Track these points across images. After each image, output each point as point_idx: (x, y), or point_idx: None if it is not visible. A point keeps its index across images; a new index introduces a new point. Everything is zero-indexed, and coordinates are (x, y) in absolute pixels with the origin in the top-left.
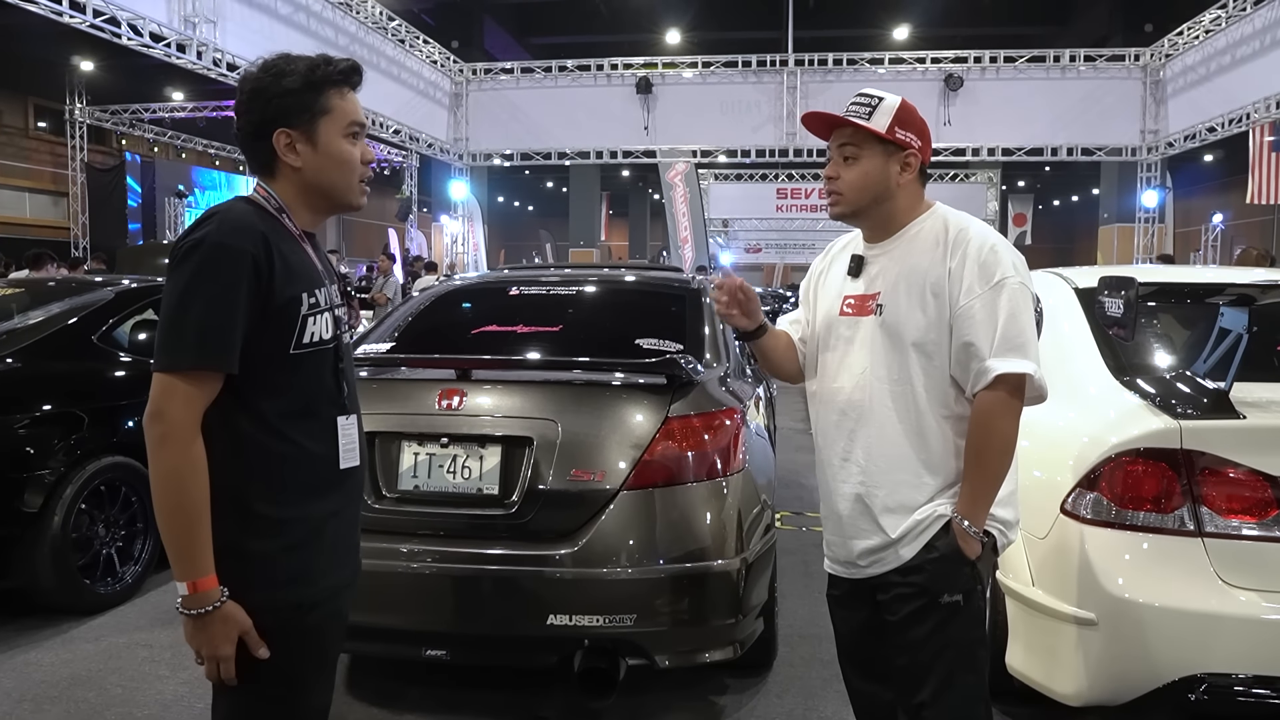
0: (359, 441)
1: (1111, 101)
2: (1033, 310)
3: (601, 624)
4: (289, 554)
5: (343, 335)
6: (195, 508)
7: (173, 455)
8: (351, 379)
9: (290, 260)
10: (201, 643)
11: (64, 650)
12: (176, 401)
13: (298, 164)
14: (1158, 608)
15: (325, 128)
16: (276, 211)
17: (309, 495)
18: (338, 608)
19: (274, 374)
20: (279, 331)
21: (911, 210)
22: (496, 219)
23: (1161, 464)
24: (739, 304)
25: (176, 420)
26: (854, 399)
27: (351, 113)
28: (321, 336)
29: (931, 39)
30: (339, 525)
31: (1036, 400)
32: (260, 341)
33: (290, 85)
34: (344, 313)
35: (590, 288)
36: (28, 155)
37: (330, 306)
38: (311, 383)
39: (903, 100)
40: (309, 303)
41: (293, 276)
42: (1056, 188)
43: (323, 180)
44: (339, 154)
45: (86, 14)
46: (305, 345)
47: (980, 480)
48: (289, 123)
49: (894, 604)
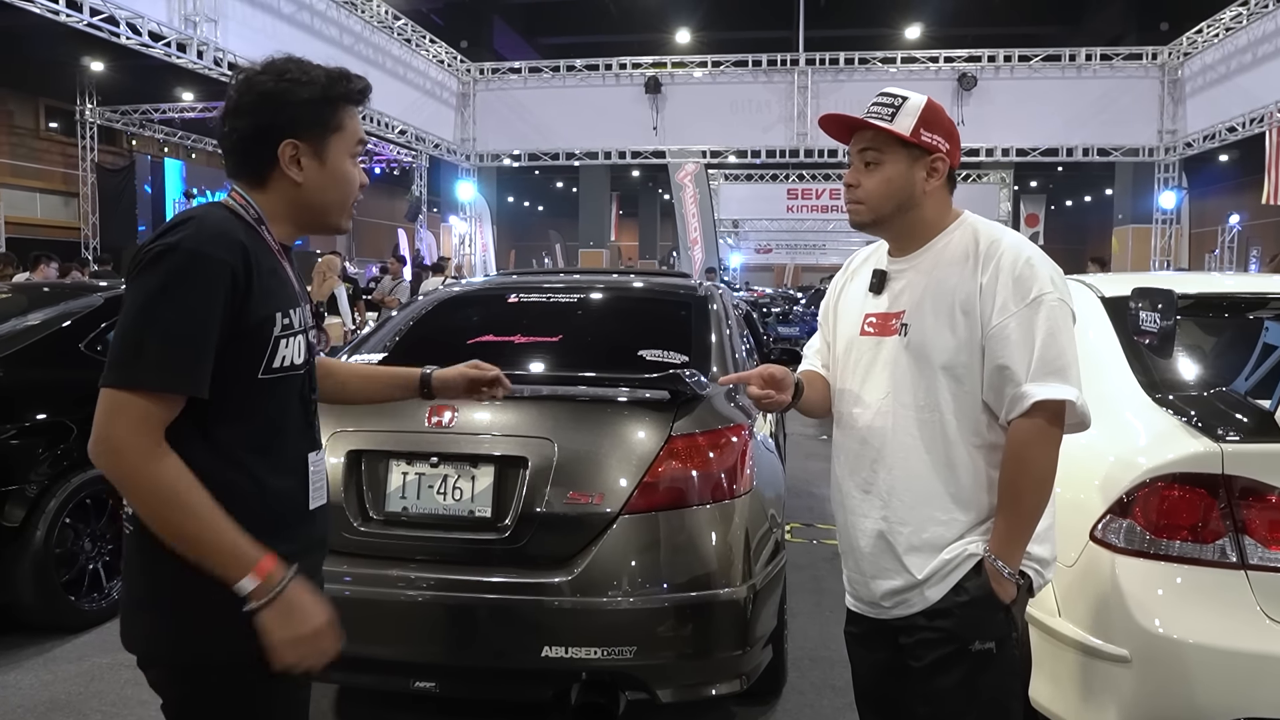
0: (327, 478)
1: (1128, 101)
2: (1073, 329)
3: (599, 656)
4: (215, 608)
5: (314, 362)
6: (201, 516)
7: (146, 481)
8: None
9: (267, 276)
10: (288, 628)
11: (44, 671)
12: (127, 424)
13: (299, 179)
14: (1197, 646)
15: (335, 145)
16: (255, 222)
17: (272, 536)
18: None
19: (239, 400)
20: (249, 353)
21: (939, 220)
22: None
23: (1200, 490)
24: (774, 385)
25: (130, 446)
26: (875, 426)
27: (359, 132)
28: (294, 361)
29: (943, 39)
30: (305, 569)
31: (1078, 428)
32: (228, 363)
33: (308, 95)
34: (315, 336)
35: (592, 295)
36: (39, 156)
37: (304, 329)
38: (280, 412)
39: (929, 100)
40: (283, 323)
41: (268, 294)
42: (1069, 188)
43: (321, 199)
44: (344, 174)
45: (84, 13)
46: (275, 370)
47: (1015, 516)
48: (298, 134)
49: (918, 649)
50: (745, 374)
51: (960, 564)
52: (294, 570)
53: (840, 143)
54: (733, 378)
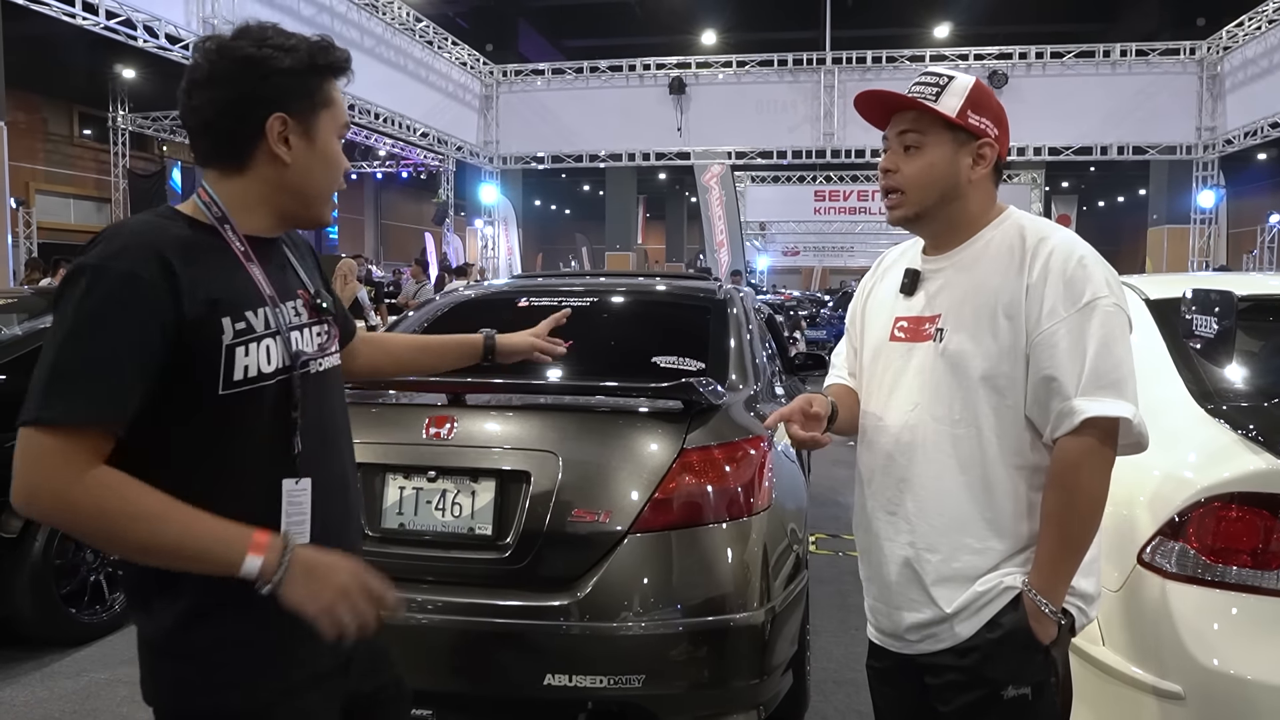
0: (309, 513)
1: (1165, 98)
2: (1129, 339)
3: (605, 685)
4: (214, 652)
5: (308, 367)
6: (162, 510)
7: (79, 508)
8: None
9: (207, 280)
10: (318, 591)
11: (41, 687)
12: (40, 462)
13: (287, 159)
14: (1261, 685)
15: (325, 122)
16: (217, 221)
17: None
18: (306, 707)
19: (195, 424)
20: (198, 370)
21: (982, 214)
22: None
23: (1261, 511)
24: (814, 420)
25: (44, 481)
26: (903, 441)
27: (344, 111)
28: (260, 370)
29: (973, 37)
30: (296, 615)
31: (1134, 449)
32: (174, 384)
33: (293, 64)
34: (319, 334)
35: (606, 299)
36: (72, 162)
37: (278, 330)
38: (249, 434)
39: (977, 80)
40: (235, 329)
41: (211, 300)
42: (1102, 188)
43: (307, 182)
44: (334, 155)
45: (100, 15)
46: (238, 383)
47: (1060, 547)
48: (287, 107)
49: (946, 692)
50: (785, 412)
51: (995, 597)
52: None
53: (876, 127)
54: (775, 417)
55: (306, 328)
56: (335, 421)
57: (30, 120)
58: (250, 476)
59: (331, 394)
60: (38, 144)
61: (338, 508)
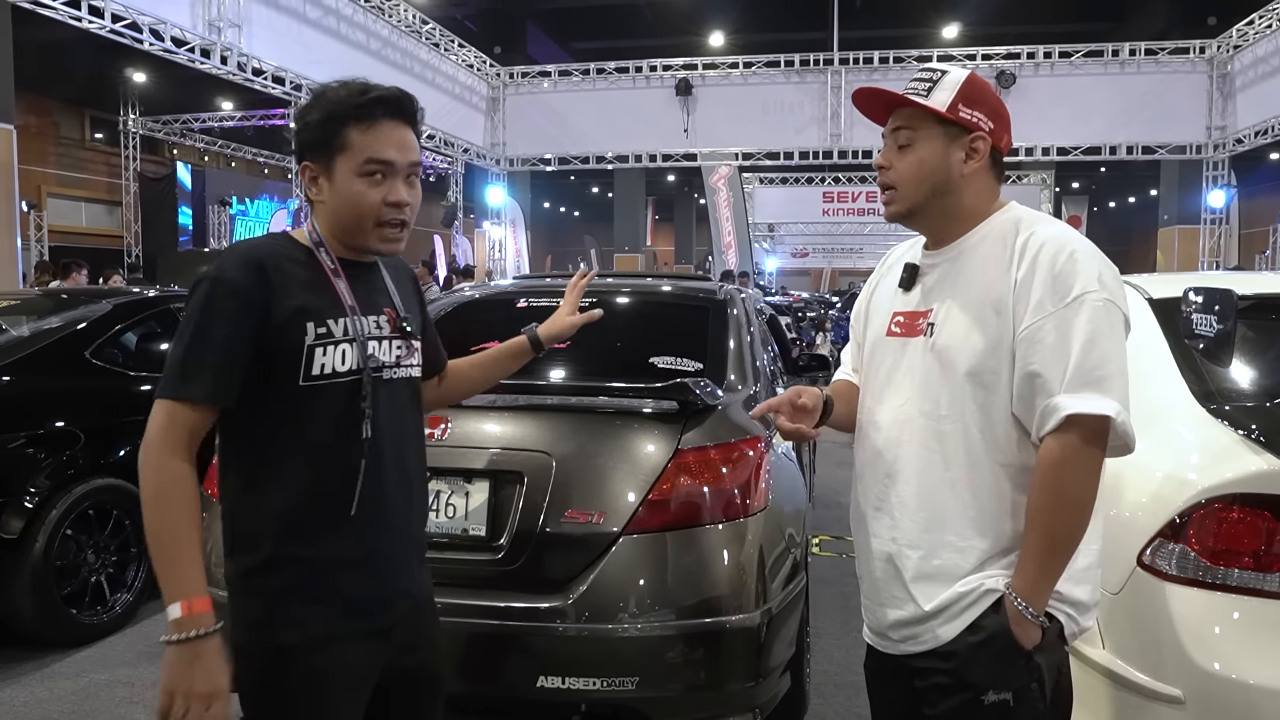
0: (383, 485)
1: (1174, 98)
2: (1123, 336)
3: (599, 687)
4: (282, 595)
5: (382, 373)
6: (176, 526)
7: (148, 476)
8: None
9: (298, 291)
10: (186, 677)
11: (40, 688)
12: (156, 427)
13: (320, 198)
14: (1263, 689)
15: (341, 165)
16: (315, 245)
17: (308, 539)
18: (344, 661)
19: (282, 409)
20: (284, 364)
21: (980, 209)
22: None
23: (1263, 513)
24: (802, 412)
25: (154, 443)
26: (892, 437)
27: (369, 149)
28: (335, 368)
29: (982, 37)
30: (351, 575)
31: (1121, 451)
32: (265, 374)
33: (314, 118)
34: (398, 348)
35: (604, 299)
36: (84, 166)
37: (355, 338)
38: (324, 420)
39: (971, 74)
40: (317, 333)
41: (297, 307)
42: (1112, 189)
43: (338, 217)
44: (350, 193)
45: (105, 19)
46: (315, 378)
47: (1044, 548)
48: (311, 156)
49: (931, 695)
50: (774, 402)
51: (977, 600)
52: (220, 627)
53: (879, 125)
54: (762, 408)
55: (386, 340)
56: (405, 426)
57: (42, 124)
58: (324, 454)
59: (403, 400)
60: (49, 148)
61: (400, 501)
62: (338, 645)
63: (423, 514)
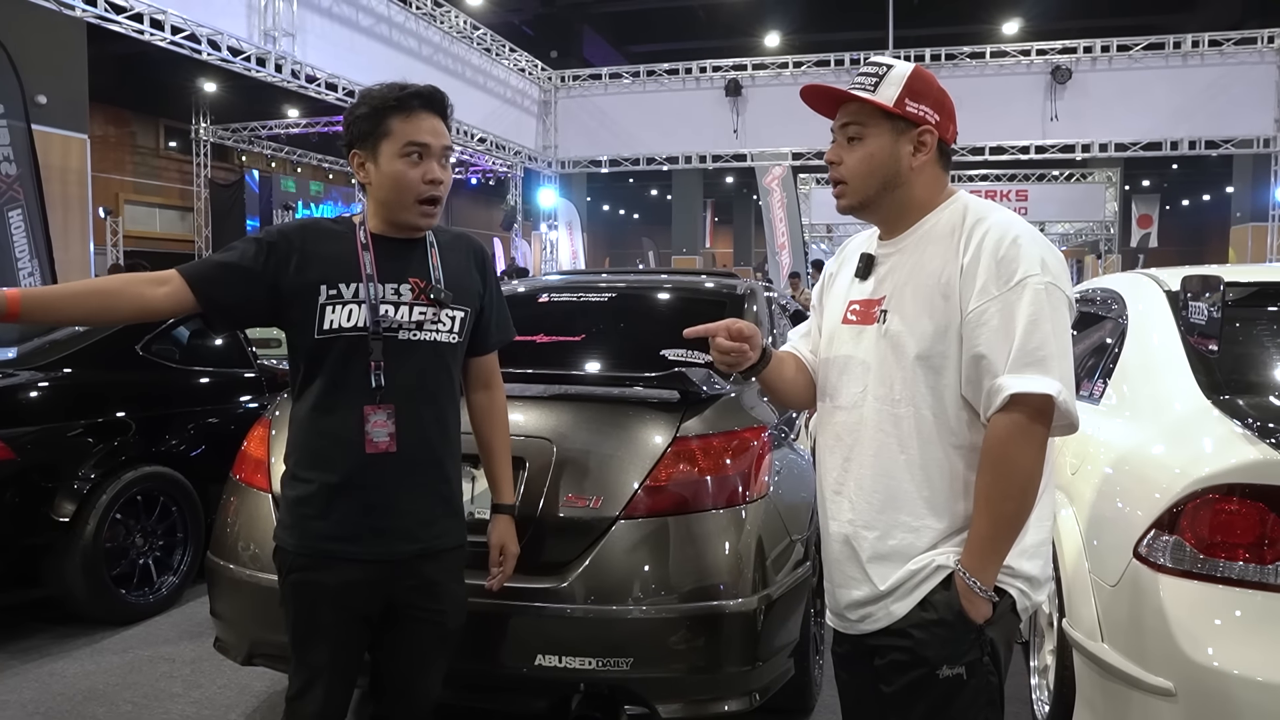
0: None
1: (1240, 90)
2: (1066, 318)
3: (595, 667)
4: (294, 505)
5: (397, 334)
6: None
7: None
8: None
9: (320, 256)
10: None
11: (89, 661)
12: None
13: (368, 180)
14: (1254, 682)
15: (385, 149)
16: (359, 224)
17: (322, 467)
18: (331, 576)
19: (306, 357)
20: (301, 317)
21: (930, 199)
22: (600, 227)
23: (1259, 504)
24: (739, 337)
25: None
26: (849, 422)
27: (410, 134)
28: (341, 325)
29: (1043, 33)
30: (352, 504)
31: (1066, 430)
32: (290, 324)
33: (361, 112)
34: (420, 313)
35: (622, 295)
36: (158, 173)
37: (365, 301)
38: (336, 368)
39: (916, 68)
40: (328, 293)
41: (313, 268)
42: (1185, 186)
43: (383, 196)
44: (391, 173)
45: (166, 30)
46: (326, 331)
47: (991, 525)
48: (358, 145)
49: (888, 672)
50: (710, 326)
51: (928, 577)
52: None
53: (830, 119)
54: (696, 330)
55: (406, 305)
56: (428, 384)
57: (120, 134)
58: (337, 395)
59: (427, 360)
60: (126, 156)
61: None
62: (326, 560)
63: (453, 473)
